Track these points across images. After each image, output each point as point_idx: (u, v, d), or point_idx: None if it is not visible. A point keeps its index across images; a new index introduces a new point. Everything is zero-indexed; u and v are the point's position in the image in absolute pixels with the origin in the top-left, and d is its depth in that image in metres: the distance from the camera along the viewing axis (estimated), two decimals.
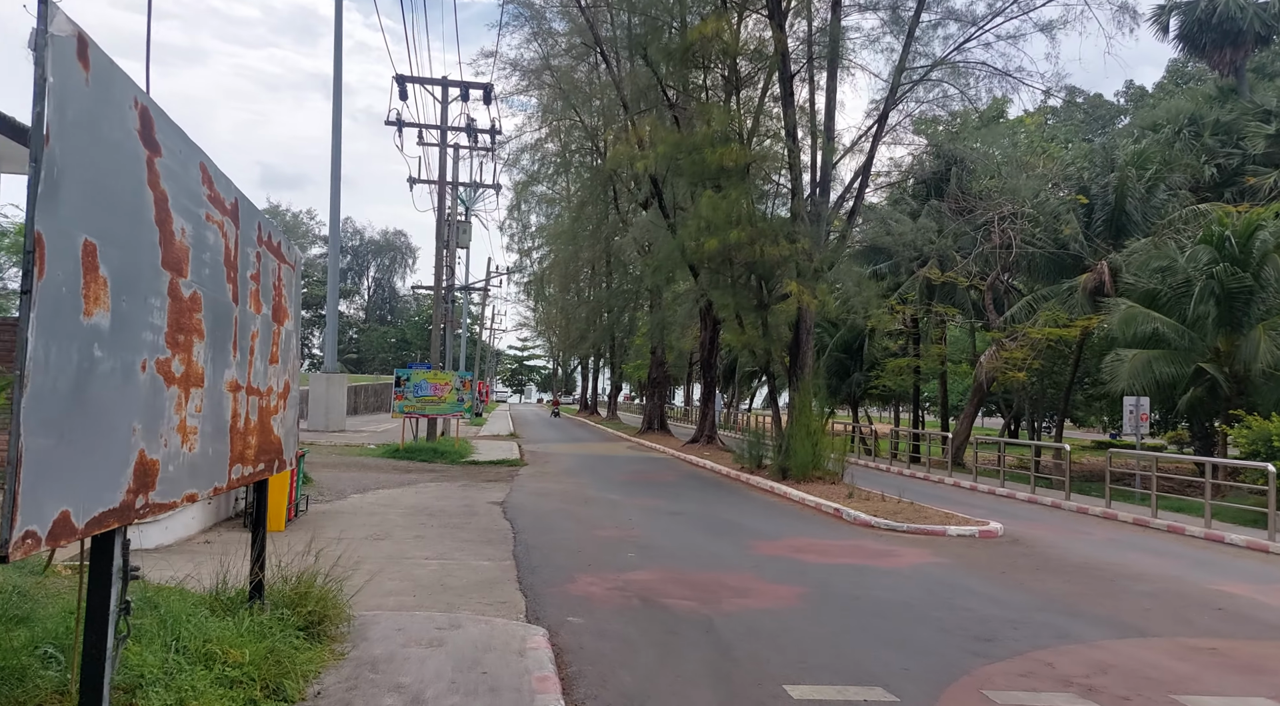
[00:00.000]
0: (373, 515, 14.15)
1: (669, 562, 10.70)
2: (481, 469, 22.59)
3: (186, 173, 4.18)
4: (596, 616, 7.97)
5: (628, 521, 14.22)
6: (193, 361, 4.22)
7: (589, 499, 17.09)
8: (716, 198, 18.90)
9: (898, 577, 10.19)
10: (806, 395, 19.87)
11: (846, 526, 14.50)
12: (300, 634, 5.93)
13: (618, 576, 9.77)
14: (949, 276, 28.09)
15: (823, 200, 20.50)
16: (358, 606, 7.60)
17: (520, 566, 10.25)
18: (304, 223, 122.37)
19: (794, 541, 12.68)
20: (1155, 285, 24.22)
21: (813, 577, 9.97)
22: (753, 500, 17.96)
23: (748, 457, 22.13)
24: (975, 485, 23.87)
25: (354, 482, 18.28)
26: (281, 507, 12.60)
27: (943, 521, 14.45)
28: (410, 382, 25.10)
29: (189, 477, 4.27)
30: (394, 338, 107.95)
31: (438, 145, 28.89)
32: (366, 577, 9.23)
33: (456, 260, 34.05)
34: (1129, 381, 22.42)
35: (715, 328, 31.40)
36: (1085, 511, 19.22)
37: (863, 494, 17.30)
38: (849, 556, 11.52)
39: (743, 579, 9.77)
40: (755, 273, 20.64)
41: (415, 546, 11.40)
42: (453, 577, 9.55)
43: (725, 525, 14.25)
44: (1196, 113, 34.62)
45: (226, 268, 4.83)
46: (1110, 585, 10.30)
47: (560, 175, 50.16)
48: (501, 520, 14.04)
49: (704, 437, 31.22)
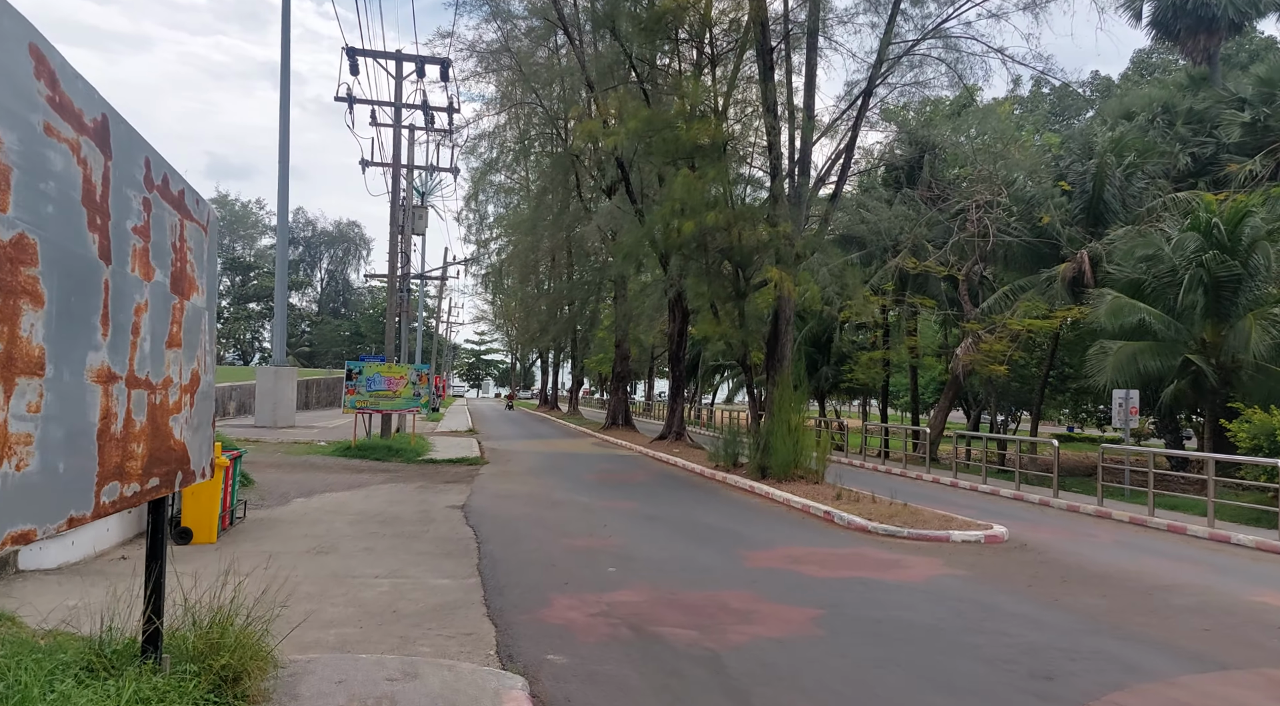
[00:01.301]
0: (318, 523, 12.73)
1: (655, 578, 9.44)
2: (439, 468, 21.16)
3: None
4: (582, 653, 6.69)
5: (602, 528, 12.94)
6: (18, 337, 2.87)
7: (557, 502, 15.77)
8: (692, 177, 17.63)
9: (915, 594, 9.03)
10: (786, 389, 18.72)
11: (840, 532, 13.34)
12: (210, 699, 4.58)
13: (600, 597, 8.49)
14: (926, 266, 27.11)
15: (803, 181, 19.32)
16: (291, 645, 6.26)
17: (486, 585, 8.94)
18: (253, 212, 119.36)
19: (788, 550, 11.49)
20: (1139, 275, 23.42)
21: (821, 596, 8.77)
22: (733, 502, 16.77)
23: (723, 455, 20.94)
24: (956, 481, 22.94)
25: (300, 485, 16.80)
26: (212, 517, 11.14)
27: (943, 525, 13.36)
28: (363, 376, 23.56)
29: (19, 508, 2.93)
30: (348, 331, 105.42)
31: (392, 126, 27.34)
32: (306, 605, 7.86)
33: (412, 247, 32.47)
34: (1115, 374, 21.59)
35: (685, 319, 30.20)
36: (1076, 509, 18.34)
37: (851, 494, 16.17)
38: (853, 568, 10.34)
39: (742, 599, 8.54)
40: (732, 259, 19.42)
41: (364, 561, 10.03)
42: (407, 601, 8.22)
43: (709, 531, 13.02)
44: (1169, 101, 34.04)
45: (89, 210, 3.47)
46: (1146, 599, 9.24)
47: (519, 163, 48.60)
48: (463, 527, 12.70)
49: (673, 434, 30.01)
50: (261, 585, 8.70)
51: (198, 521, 11.09)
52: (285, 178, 29.08)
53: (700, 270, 20.15)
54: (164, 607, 4.79)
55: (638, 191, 27.27)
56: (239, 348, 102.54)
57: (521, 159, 47.74)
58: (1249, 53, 44.17)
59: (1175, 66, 48.12)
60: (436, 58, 25.36)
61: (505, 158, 47.69)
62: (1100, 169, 27.38)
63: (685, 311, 30.12)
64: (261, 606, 6.39)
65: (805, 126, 19.08)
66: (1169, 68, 50.05)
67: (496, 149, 45.94)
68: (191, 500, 11.08)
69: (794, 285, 17.43)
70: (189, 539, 10.96)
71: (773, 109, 18.25)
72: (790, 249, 18.14)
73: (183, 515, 11.09)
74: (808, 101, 19.22)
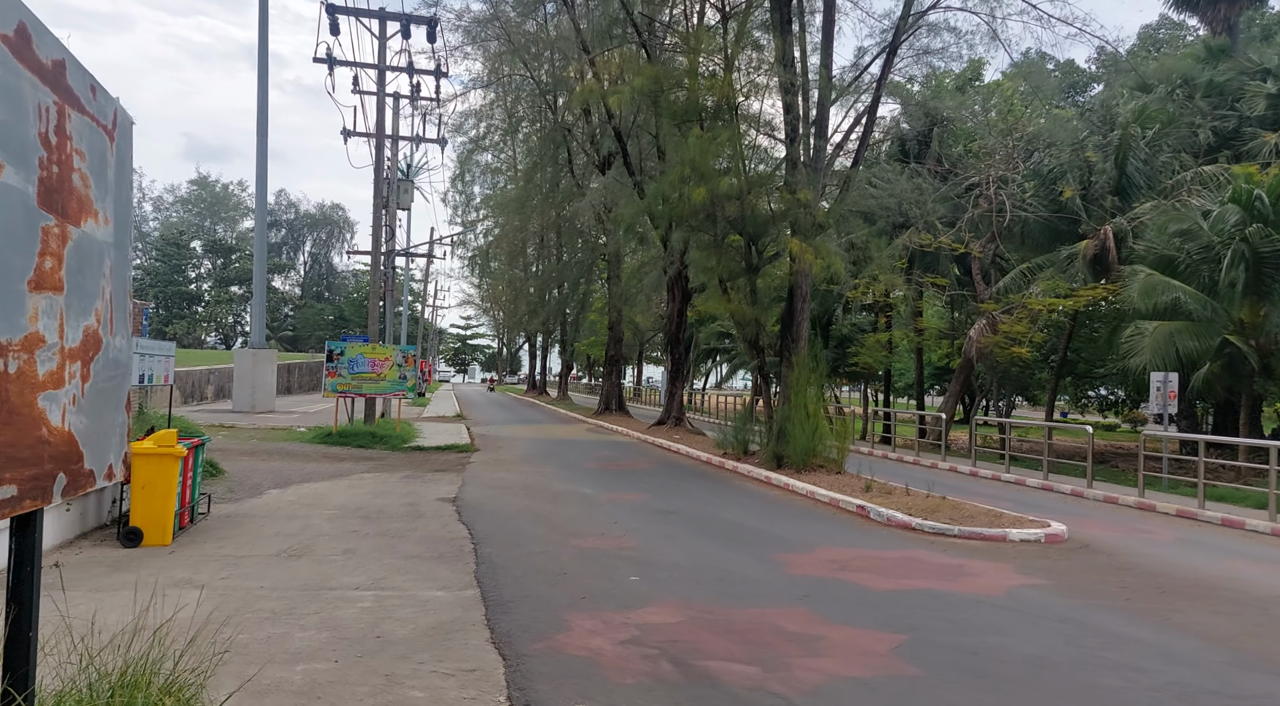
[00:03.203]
0: (292, 519, 11.22)
1: (687, 590, 7.99)
2: (427, 456, 19.65)
3: None
4: (617, 702, 5.22)
5: (612, 525, 11.47)
6: None
7: (558, 494, 14.29)
8: (705, 137, 16.06)
9: (1000, 611, 7.59)
10: (803, 370, 17.25)
11: (881, 529, 11.90)
12: None
13: (626, 616, 7.02)
14: (941, 242, 25.65)
15: (820, 146, 17.80)
16: (244, 694, 4.79)
17: (487, 599, 7.47)
18: (235, 195, 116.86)
19: (831, 553, 10.04)
20: (1172, 251, 22.06)
21: (890, 614, 7.32)
22: (750, 494, 15.31)
23: (733, 442, 19.47)
24: (975, 470, 21.60)
25: (275, 474, 15.28)
26: (166, 515, 9.60)
27: (993, 522, 11.93)
28: (345, 357, 21.93)
29: None
30: (331, 315, 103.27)
31: (375, 93, 25.66)
32: (269, 628, 6.37)
33: (398, 223, 30.81)
34: (1152, 355, 20.24)
35: (685, 299, 28.69)
36: (1114, 501, 17.00)
37: (881, 486, 14.74)
38: (913, 576, 8.90)
39: (798, 619, 7.09)
40: (744, 230, 17.90)
41: (343, 567, 8.55)
42: (394, 621, 6.74)
43: (734, 529, 11.56)
44: (1188, 73, 32.64)
45: None
46: (1267, 616, 7.85)
47: (507, 142, 46.84)
48: (455, 524, 11.22)
49: (671, 419, 28.56)
50: (214, 603, 7.22)
51: (149, 520, 9.56)
52: (264, 149, 27.37)
53: (708, 243, 18.61)
54: (34, 670, 3.28)
55: (636, 164, 25.69)
56: (221, 332, 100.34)
57: (509, 137, 46.03)
58: (1261, 27, 42.82)
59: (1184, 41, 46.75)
60: (422, 16, 23.68)
61: (492, 136, 45.97)
62: (1124, 141, 25.99)
63: (686, 291, 28.61)
64: (205, 639, 4.93)
65: (823, 86, 17.55)
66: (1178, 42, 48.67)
67: (484, 125, 44.17)
68: (143, 496, 9.55)
69: (815, 257, 15.92)
70: (138, 540, 9.43)
71: (790, 64, 16.65)
72: (809, 218, 16.64)
73: (132, 513, 9.56)
74: (824, 58, 17.69)
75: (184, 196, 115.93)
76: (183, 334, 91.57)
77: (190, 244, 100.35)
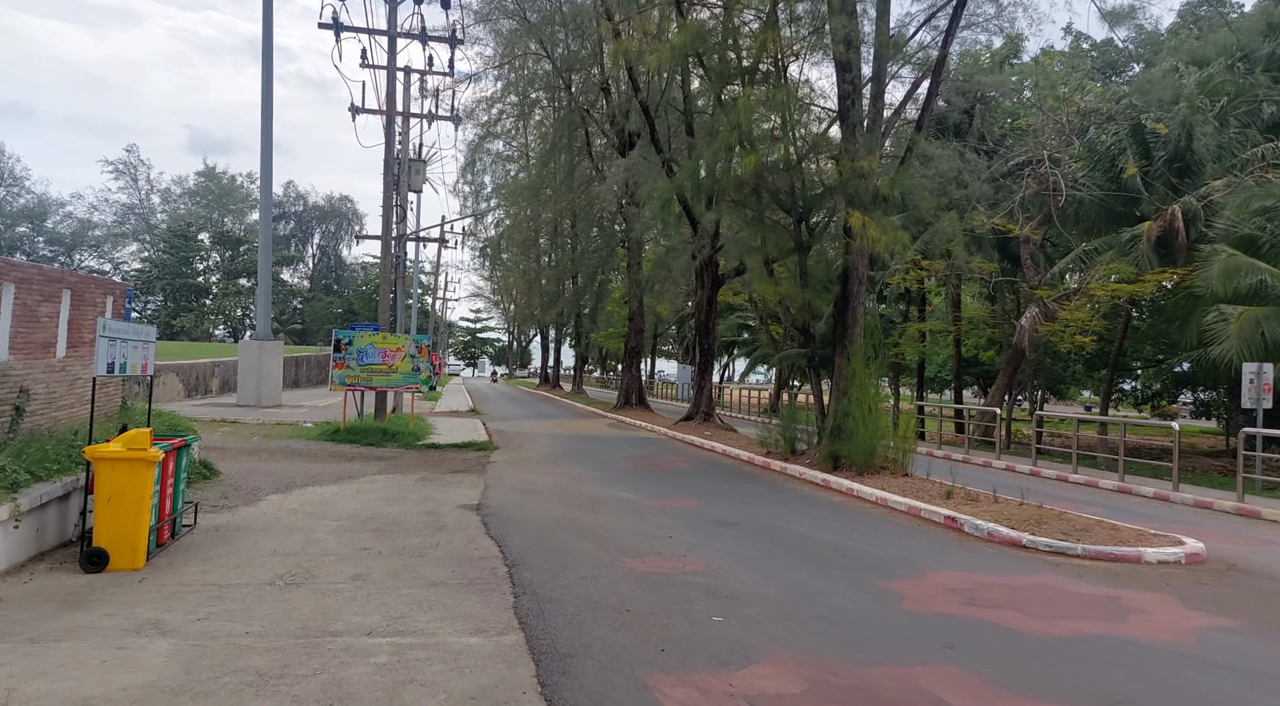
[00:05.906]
0: (292, 532, 9.54)
1: (790, 636, 6.25)
2: (444, 454, 17.96)
3: None
4: None
5: (667, 539, 9.74)
6: None
7: (595, 499, 12.56)
8: (754, 100, 14.29)
9: (1209, 667, 5.81)
10: (860, 361, 15.48)
11: (984, 546, 10.11)
12: None
13: (727, 680, 5.29)
14: (995, 223, 23.78)
15: (875, 108, 15.98)
16: None
17: (536, 650, 5.75)
18: (242, 187, 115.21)
19: (942, 578, 8.28)
20: (1254, 231, 20.21)
21: (1077, 677, 5.53)
22: (811, 500, 13.54)
23: (780, 441, 17.71)
24: (1036, 470, 19.84)
25: (277, 477, 13.62)
26: (138, 531, 7.90)
27: (1115, 538, 10.13)
28: (353, 348, 20.20)
29: None
30: (340, 308, 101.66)
31: (385, 68, 23.94)
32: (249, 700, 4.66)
33: (409, 206, 29.09)
34: (1239, 343, 18.41)
35: (714, 286, 26.91)
36: (1209, 506, 15.26)
37: (961, 491, 12.97)
38: (1068, 615, 7.10)
39: (953, 682, 5.34)
40: (794, 205, 16.12)
41: (352, 599, 6.86)
42: (418, 686, 5.05)
43: (811, 546, 9.81)
44: (1246, 46, 30.67)
45: None
46: None
47: (519, 128, 45.05)
48: (483, 538, 9.52)
49: (700, 414, 26.78)
50: (183, 661, 5.51)
51: (117, 539, 7.84)
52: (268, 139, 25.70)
53: (752, 219, 16.82)
54: None
55: (665, 141, 23.92)
56: (230, 324, 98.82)
57: (521, 123, 44.27)
58: None
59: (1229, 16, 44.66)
60: None
61: (504, 123, 44.20)
62: (1190, 115, 24.06)
63: (715, 278, 26.84)
64: None
65: (881, 42, 15.72)
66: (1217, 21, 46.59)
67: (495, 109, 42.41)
68: (109, 510, 7.85)
69: (880, 233, 14.12)
70: (103, 564, 7.73)
71: (851, 11, 14.79)
72: (868, 189, 14.83)
73: (95, 531, 7.85)
74: (881, 8, 15.86)
75: (191, 188, 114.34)
76: (191, 327, 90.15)
77: (198, 236, 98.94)
